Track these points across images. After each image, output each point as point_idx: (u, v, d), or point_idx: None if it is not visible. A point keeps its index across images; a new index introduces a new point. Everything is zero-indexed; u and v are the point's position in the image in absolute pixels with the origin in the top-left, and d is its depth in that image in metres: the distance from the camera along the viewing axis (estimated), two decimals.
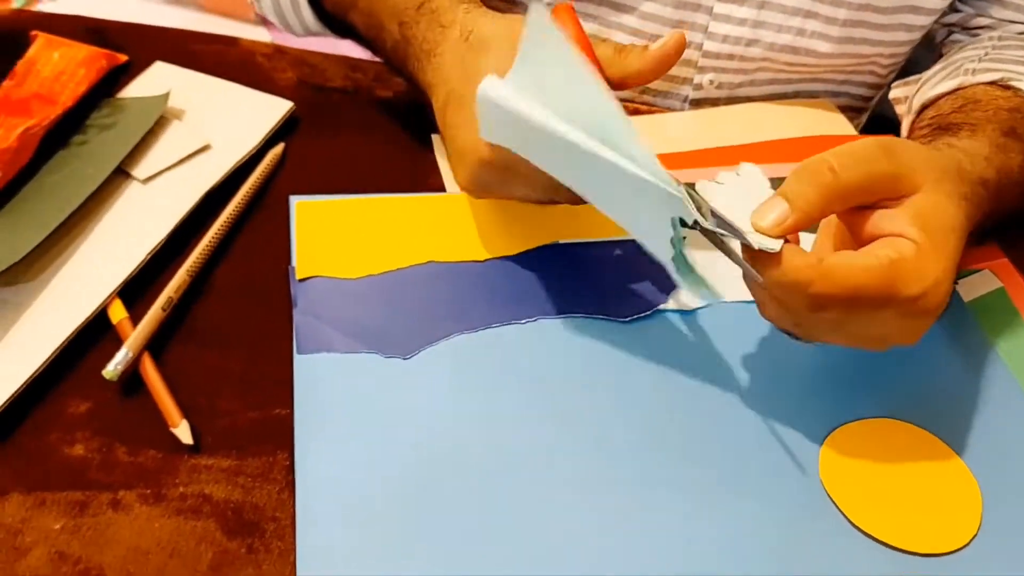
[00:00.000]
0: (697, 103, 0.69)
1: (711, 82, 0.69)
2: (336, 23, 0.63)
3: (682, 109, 0.70)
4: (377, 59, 0.62)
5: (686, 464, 0.45)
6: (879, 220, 0.41)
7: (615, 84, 0.48)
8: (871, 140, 0.41)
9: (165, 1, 1.45)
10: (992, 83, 0.56)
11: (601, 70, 0.47)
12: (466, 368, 0.48)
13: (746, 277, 0.42)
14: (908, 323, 0.42)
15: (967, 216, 0.43)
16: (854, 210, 0.42)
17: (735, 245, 0.41)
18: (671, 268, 0.42)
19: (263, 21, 1.30)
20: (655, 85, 0.69)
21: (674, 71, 0.68)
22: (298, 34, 0.67)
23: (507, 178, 0.47)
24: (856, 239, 0.42)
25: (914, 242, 0.40)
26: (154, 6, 1.35)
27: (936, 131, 0.52)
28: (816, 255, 0.40)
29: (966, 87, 0.57)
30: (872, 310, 0.40)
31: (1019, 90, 0.55)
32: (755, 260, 0.40)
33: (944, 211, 0.41)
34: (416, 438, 0.44)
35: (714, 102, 0.70)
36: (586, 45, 0.47)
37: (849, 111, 0.73)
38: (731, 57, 0.67)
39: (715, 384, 0.48)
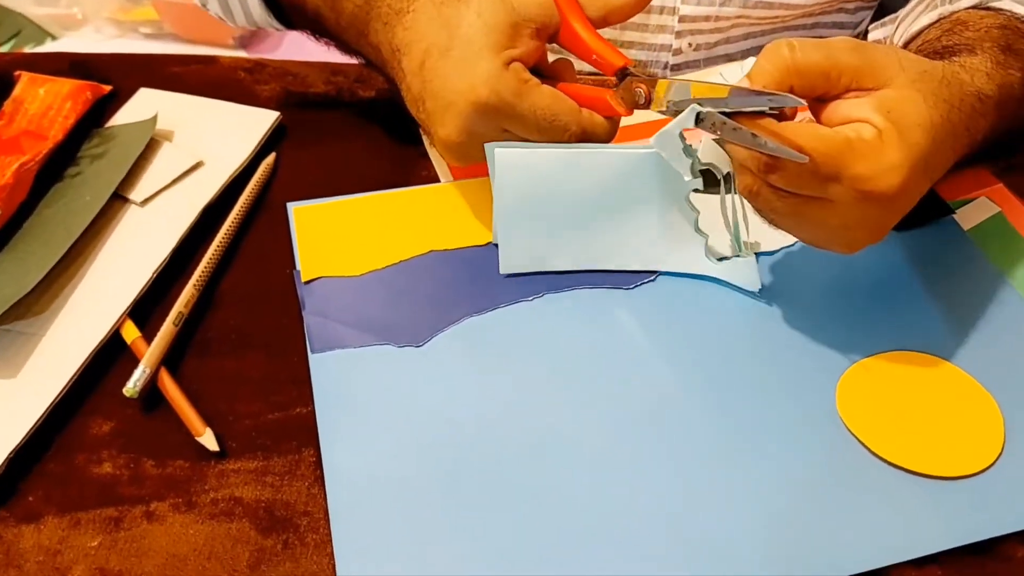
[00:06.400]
0: (677, 67, 0.70)
1: (689, 45, 0.69)
2: (283, 12, 0.61)
3: (663, 76, 0.71)
4: (352, 60, 0.61)
5: (707, 417, 0.45)
6: (844, 107, 0.42)
7: (597, 22, 0.49)
8: (848, 37, 0.42)
9: (144, 36, 1.46)
10: (973, 7, 0.56)
11: (580, 10, 0.49)
12: (479, 349, 0.48)
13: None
14: (865, 211, 0.42)
15: (947, 119, 0.43)
16: (824, 100, 0.43)
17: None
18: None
19: (241, 44, 1.30)
20: (635, 55, 0.70)
21: (653, 39, 0.69)
22: (239, 25, 0.64)
23: (502, 120, 0.47)
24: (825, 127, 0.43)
25: (876, 127, 0.40)
26: (132, 42, 1.36)
27: (931, 55, 0.52)
28: None
29: (947, 15, 0.57)
30: (821, 183, 0.40)
31: (1001, 10, 0.55)
32: None
33: (914, 106, 0.41)
34: (437, 421, 0.45)
35: (694, 64, 0.70)
36: None
37: None
38: (707, 19, 0.67)
39: (725, 340, 0.49)
